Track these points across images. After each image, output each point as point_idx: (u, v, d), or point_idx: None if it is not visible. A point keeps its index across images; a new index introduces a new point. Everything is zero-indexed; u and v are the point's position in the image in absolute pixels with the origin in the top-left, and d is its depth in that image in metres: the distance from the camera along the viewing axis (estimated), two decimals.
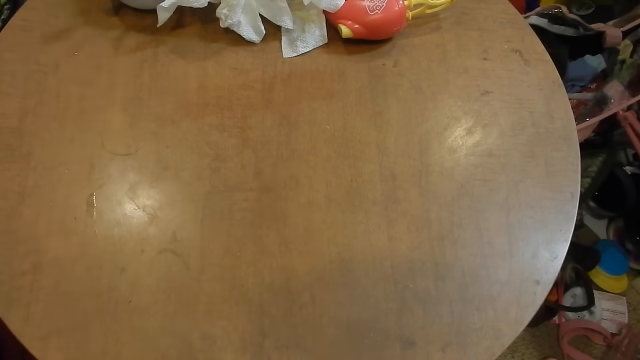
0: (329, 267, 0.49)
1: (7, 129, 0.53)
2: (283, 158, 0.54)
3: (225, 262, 0.49)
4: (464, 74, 0.61)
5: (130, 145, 0.53)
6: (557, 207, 0.54)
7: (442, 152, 0.56)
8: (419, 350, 0.47)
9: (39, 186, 0.50)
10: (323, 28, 0.61)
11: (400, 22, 0.59)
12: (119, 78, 0.56)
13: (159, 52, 0.58)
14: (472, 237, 0.52)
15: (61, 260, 0.47)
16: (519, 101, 0.60)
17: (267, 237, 0.50)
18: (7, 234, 0.48)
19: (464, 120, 0.58)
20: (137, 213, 0.50)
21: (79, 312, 0.46)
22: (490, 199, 0.54)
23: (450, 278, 0.50)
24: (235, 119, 0.55)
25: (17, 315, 0.45)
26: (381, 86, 0.59)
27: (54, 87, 0.55)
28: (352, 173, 0.54)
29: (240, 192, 0.52)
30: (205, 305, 0.47)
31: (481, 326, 0.48)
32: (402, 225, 0.52)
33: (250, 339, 0.46)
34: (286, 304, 0.48)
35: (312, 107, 0.57)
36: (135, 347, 0.45)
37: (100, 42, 0.58)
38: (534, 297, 0.50)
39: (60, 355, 0.44)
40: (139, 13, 0.60)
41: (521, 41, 0.64)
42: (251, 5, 0.58)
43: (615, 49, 1.13)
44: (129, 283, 0.47)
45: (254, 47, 0.60)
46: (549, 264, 0.51)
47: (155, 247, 0.49)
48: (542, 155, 0.57)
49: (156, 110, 0.55)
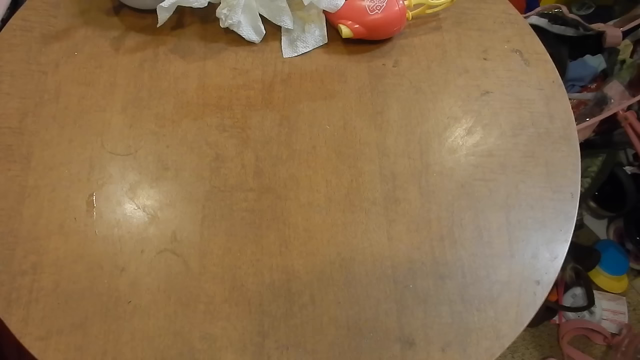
0: (329, 267, 0.49)
1: (7, 129, 0.53)
2: (283, 158, 0.54)
3: (225, 262, 0.49)
4: (464, 74, 0.61)
5: (130, 145, 0.53)
6: (557, 207, 0.54)
7: (442, 152, 0.56)
8: (419, 350, 0.47)
9: (39, 186, 0.50)
10: (323, 28, 0.61)
11: (400, 22, 0.59)
12: (119, 78, 0.56)
13: (159, 52, 0.58)
14: (472, 237, 0.52)
15: (61, 260, 0.47)
16: (519, 101, 0.60)
17: (267, 237, 0.50)
18: (7, 234, 0.48)
19: (464, 121, 0.58)
20: (137, 213, 0.50)
21: (79, 312, 0.46)
22: (490, 199, 0.54)
23: (450, 278, 0.50)
24: (235, 119, 0.55)
25: (17, 315, 0.45)
26: (381, 86, 0.59)
27: (54, 87, 0.55)
28: (352, 173, 0.54)
29: (240, 192, 0.52)
30: (205, 305, 0.47)
31: (481, 326, 0.48)
32: (402, 225, 0.52)
33: (250, 339, 0.46)
34: (286, 304, 0.48)
35: (312, 107, 0.57)
36: (135, 347, 0.45)
37: (100, 42, 0.58)
38: (534, 297, 0.50)
39: (60, 355, 0.44)
40: (139, 13, 0.60)
41: (521, 41, 0.64)
42: (251, 5, 0.58)
43: (615, 49, 1.13)
44: (129, 283, 0.47)
45: (254, 47, 0.60)
46: (549, 264, 0.51)
47: (155, 247, 0.49)
48: (542, 155, 0.57)
49: (156, 110, 0.55)
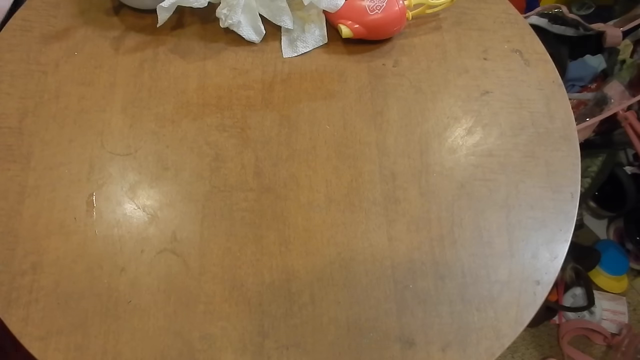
0: (329, 267, 0.49)
1: (7, 129, 0.53)
2: (283, 158, 0.54)
3: (225, 262, 0.49)
4: (464, 74, 0.61)
5: (130, 145, 0.53)
6: (557, 207, 0.54)
7: (442, 152, 0.56)
8: (419, 350, 0.47)
9: (39, 186, 0.50)
10: (323, 28, 0.61)
11: (400, 22, 0.59)
12: (119, 78, 0.56)
13: (159, 52, 0.58)
14: (472, 237, 0.52)
15: (61, 260, 0.47)
16: (519, 101, 0.60)
17: (267, 237, 0.50)
18: (7, 234, 0.48)
19: (464, 120, 0.58)
20: (137, 213, 0.50)
21: (79, 312, 0.46)
22: (490, 199, 0.54)
23: (450, 278, 0.50)
24: (235, 119, 0.55)
25: (17, 315, 0.45)
26: (381, 86, 0.59)
27: (54, 87, 0.55)
28: (352, 173, 0.54)
29: (240, 192, 0.52)
30: (205, 305, 0.47)
31: (481, 326, 0.48)
32: (402, 225, 0.52)
33: (250, 339, 0.46)
34: (286, 304, 0.48)
35: (312, 107, 0.57)
36: (135, 347, 0.45)
37: (100, 42, 0.58)
38: (534, 297, 0.50)
39: (60, 355, 0.44)
40: (139, 13, 0.60)
41: (521, 41, 0.64)
42: (251, 5, 0.58)
43: (615, 49, 1.14)
44: (129, 283, 0.47)
45: (254, 47, 0.60)
46: (549, 264, 0.51)
47: (155, 247, 0.49)
48: (542, 155, 0.57)
49: (156, 110, 0.55)
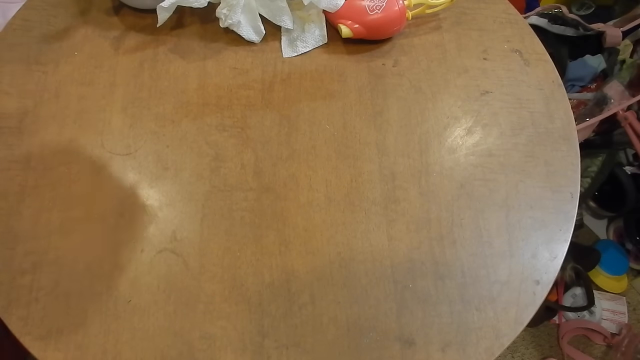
0: (329, 267, 0.49)
1: (7, 129, 0.53)
2: (283, 158, 0.54)
3: (225, 262, 0.49)
4: (464, 74, 0.61)
5: (130, 145, 0.53)
6: (557, 207, 0.54)
7: (442, 152, 0.56)
8: (418, 350, 0.47)
9: (39, 186, 0.50)
10: (323, 28, 0.61)
11: (400, 22, 0.59)
12: (119, 78, 0.56)
13: (159, 52, 0.58)
14: (472, 237, 0.52)
15: (61, 260, 0.47)
16: (519, 101, 0.60)
17: (267, 237, 0.50)
18: (7, 234, 0.48)
19: (464, 120, 0.58)
20: (137, 213, 0.50)
21: (79, 312, 0.46)
22: (490, 199, 0.54)
23: (450, 278, 0.50)
24: (235, 119, 0.55)
25: (17, 315, 0.45)
26: (381, 86, 0.59)
27: (54, 87, 0.55)
28: (352, 173, 0.54)
29: (240, 192, 0.52)
30: (205, 305, 0.47)
31: (481, 326, 0.48)
32: (402, 225, 0.52)
33: (250, 339, 0.46)
34: (286, 304, 0.48)
35: (312, 107, 0.57)
36: (135, 347, 0.45)
37: (100, 42, 0.58)
38: (533, 297, 0.50)
39: (60, 354, 0.44)
40: (139, 13, 0.60)
41: (521, 41, 0.64)
42: (251, 5, 0.58)
43: (615, 49, 1.14)
44: (129, 283, 0.47)
45: (254, 47, 0.60)
46: (548, 264, 0.51)
47: (155, 247, 0.49)
48: (542, 155, 0.57)
49: (156, 110, 0.55)
